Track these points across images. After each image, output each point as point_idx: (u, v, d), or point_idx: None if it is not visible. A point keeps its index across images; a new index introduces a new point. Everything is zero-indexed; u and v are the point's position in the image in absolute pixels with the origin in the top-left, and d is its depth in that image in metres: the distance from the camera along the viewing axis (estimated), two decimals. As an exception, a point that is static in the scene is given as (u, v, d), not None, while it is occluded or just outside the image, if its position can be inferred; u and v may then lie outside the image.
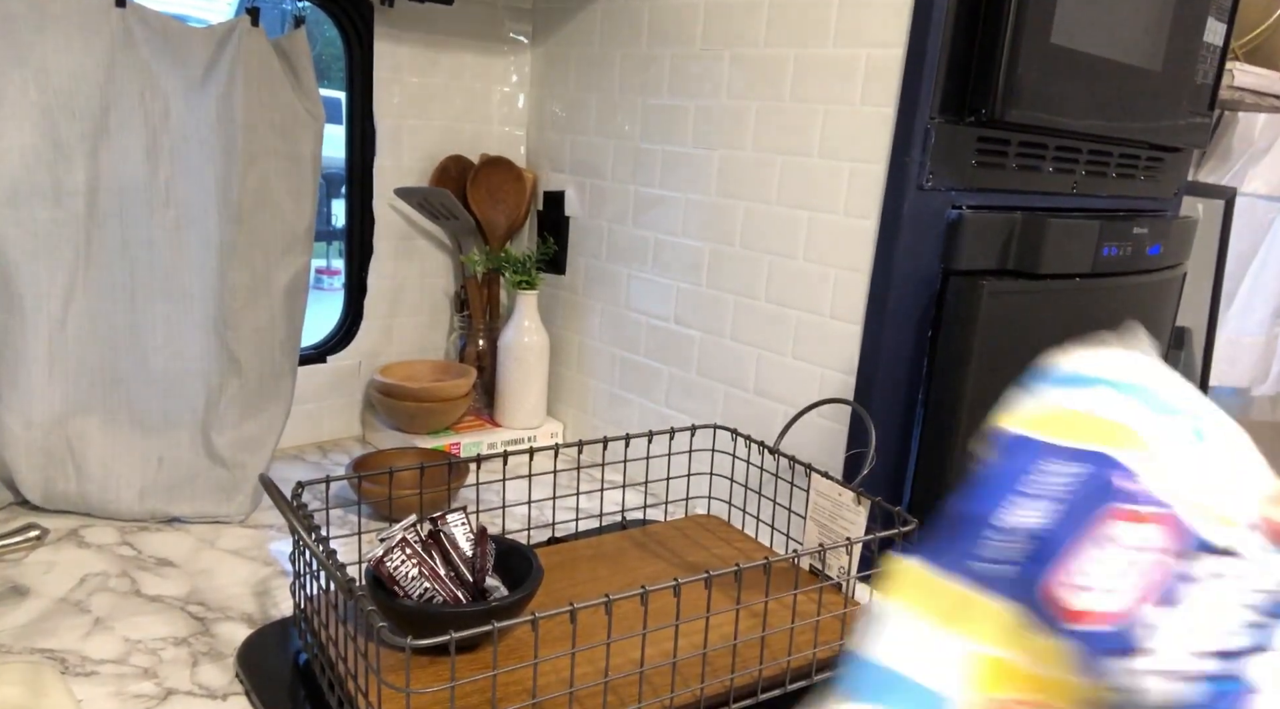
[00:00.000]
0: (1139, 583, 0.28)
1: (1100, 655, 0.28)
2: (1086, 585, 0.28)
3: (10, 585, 1.02)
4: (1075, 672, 0.28)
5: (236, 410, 1.25)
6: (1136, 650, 0.27)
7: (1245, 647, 0.27)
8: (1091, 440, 0.30)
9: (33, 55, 1.09)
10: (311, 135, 1.28)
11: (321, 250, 4.72)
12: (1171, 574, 0.28)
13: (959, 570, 0.31)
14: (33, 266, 1.13)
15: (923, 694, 0.30)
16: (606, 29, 1.47)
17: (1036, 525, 0.29)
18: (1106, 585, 0.28)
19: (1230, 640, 0.27)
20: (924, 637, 0.31)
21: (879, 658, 0.31)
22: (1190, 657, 0.27)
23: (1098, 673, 0.28)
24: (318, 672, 0.87)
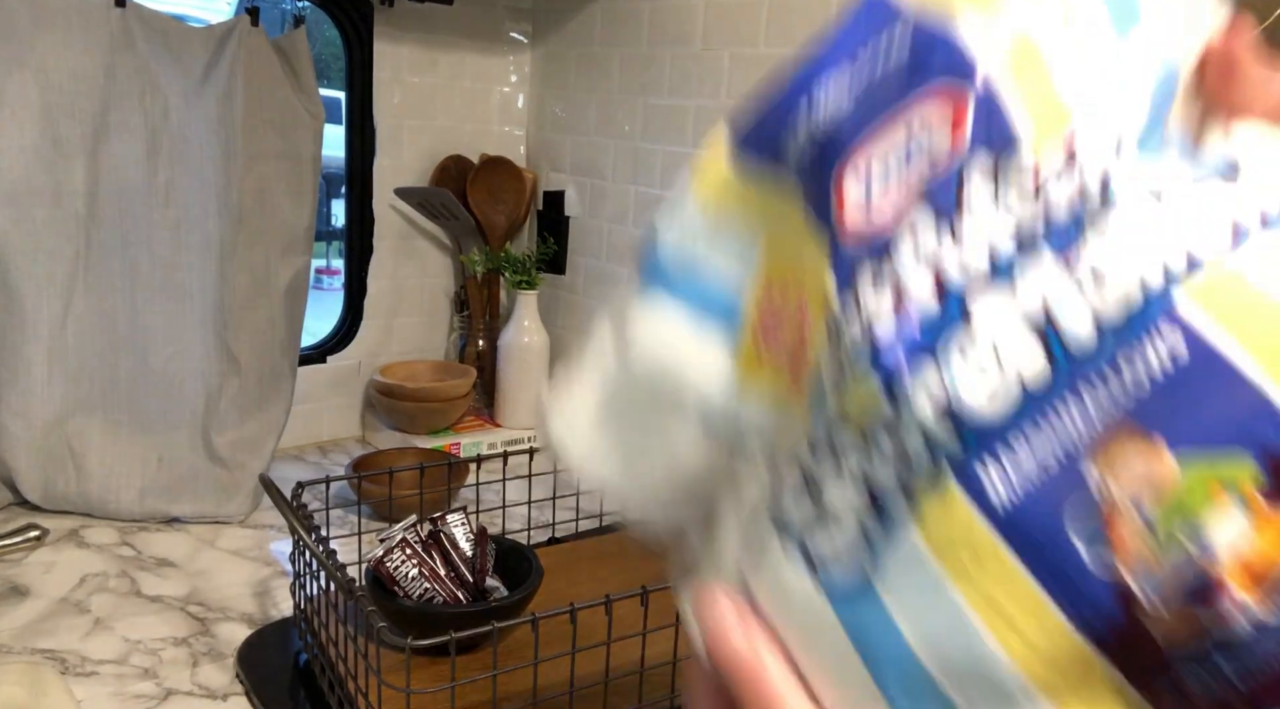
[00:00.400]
0: (914, 179, 0.23)
1: (847, 261, 0.23)
2: (864, 174, 0.23)
3: (10, 585, 1.02)
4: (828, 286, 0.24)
5: (236, 410, 1.25)
6: (879, 253, 0.23)
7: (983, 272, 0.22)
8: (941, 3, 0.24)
9: (33, 55, 1.09)
10: (311, 135, 1.28)
11: (321, 250, 4.71)
12: (953, 174, 0.22)
13: (762, 158, 0.26)
14: (33, 266, 1.13)
15: (708, 288, 0.27)
16: (606, 29, 1.47)
17: (840, 108, 0.24)
18: (880, 188, 0.23)
19: (973, 258, 0.22)
20: (716, 231, 0.27)
21: (670, 250, 0.28)
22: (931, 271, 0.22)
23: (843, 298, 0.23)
24: (318, 672, 0.87)
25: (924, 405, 0.21)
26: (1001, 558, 0.21)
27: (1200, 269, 0.20)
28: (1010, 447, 0.21)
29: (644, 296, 0.28)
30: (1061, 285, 0.21)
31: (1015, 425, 0.21)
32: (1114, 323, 0.21)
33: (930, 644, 0.22)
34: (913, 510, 0.22)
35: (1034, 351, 0.21)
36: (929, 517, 0.22)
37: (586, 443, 0.30)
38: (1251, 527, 0.19)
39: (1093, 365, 0.20)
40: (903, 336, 0.21)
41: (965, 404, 0.21)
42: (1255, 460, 0.19)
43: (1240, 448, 0.19)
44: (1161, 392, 0.20)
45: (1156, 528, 0.19)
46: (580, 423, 0.30)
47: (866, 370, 0.22)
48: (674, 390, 0.28)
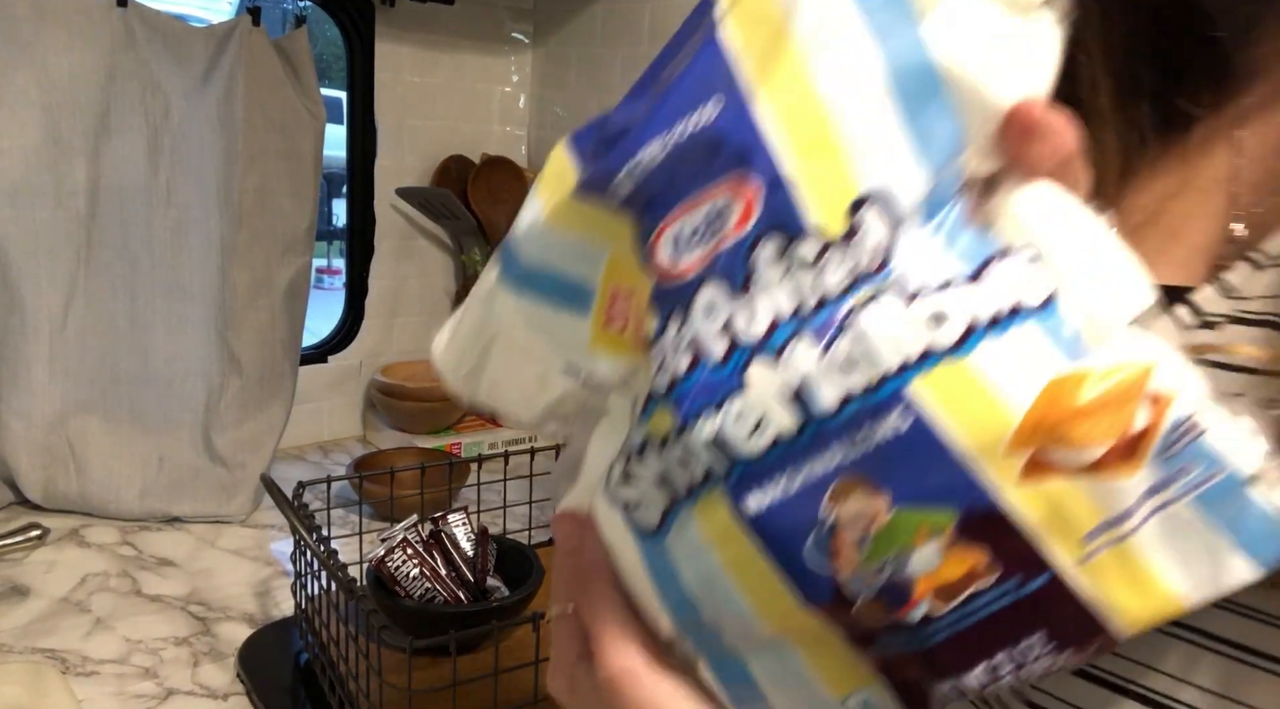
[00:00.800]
0: (709, 251, 0.27)
1: (660, 306, 0.28)
2: (674, 242, 0.28)
3: (11, 585, 1.02)
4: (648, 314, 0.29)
5: (237, 410, 1.25)
6: (685, 309, 0.28)
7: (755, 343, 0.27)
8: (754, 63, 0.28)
9: (34, 55, 1.09)
10: (312, 135, 1.28)
11: (322, 250, 4.71)
12: (741, 251, 0.27)
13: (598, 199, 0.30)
14: (33, 266, 1.13)
15: (566, 282, 0.32)
16: (607, 29, 1.47)
17: (656, 176, 0.28)
18: (685, 254, 0.28)
19: (754, 329, 0.27)
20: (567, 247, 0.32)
21: (525, 247, 0.32)
22: (717, 333, 0.27)
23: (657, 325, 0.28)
24: (319, 672, 0.87)
25: (705, 441, 0.27)
26: (749, 547, 0.27)
27: (933, 363, 0.25)
28: (765, 473, 0.27)
29: (514, 295, 0.33)
30: (817, 367, 0.26)
31: (771, 460, 0.27)
32: (857, 397, 0.26)
33: (700, 589, 0.29)
34: (691, 500, 0.28)
35: (788, 416, 0.26)
36: (702, 507, 0.28)
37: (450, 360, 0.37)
38: (941, 557, 0.26)
39: (836, 426, 0.26)
40: (694, 396, 0.27)
41: (735, 446, 0.27)
42: (954, 514, 0.26)
43: (944, 505, 0.26)
44: (889, 454, 0.26)
45: (867, 548, 0.26)
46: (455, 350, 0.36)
47: (667, 405, 0.28)
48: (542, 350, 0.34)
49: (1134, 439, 0.26)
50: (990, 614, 0.26)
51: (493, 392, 0.37)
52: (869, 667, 0.29)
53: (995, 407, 0.25)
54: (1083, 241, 0.28)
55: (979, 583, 0.26)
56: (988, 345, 0.26)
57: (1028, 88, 0.28)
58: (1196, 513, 0.26)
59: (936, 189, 0.27)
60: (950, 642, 0.27)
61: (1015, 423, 0.25)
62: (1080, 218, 0.28)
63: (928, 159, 0.27)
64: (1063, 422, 0.25)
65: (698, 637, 0.31)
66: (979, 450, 0.25)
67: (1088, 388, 0.26)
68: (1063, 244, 0.28)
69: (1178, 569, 0.26)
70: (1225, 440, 0.26)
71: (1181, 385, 0.26)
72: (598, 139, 0.31)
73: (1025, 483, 0.26)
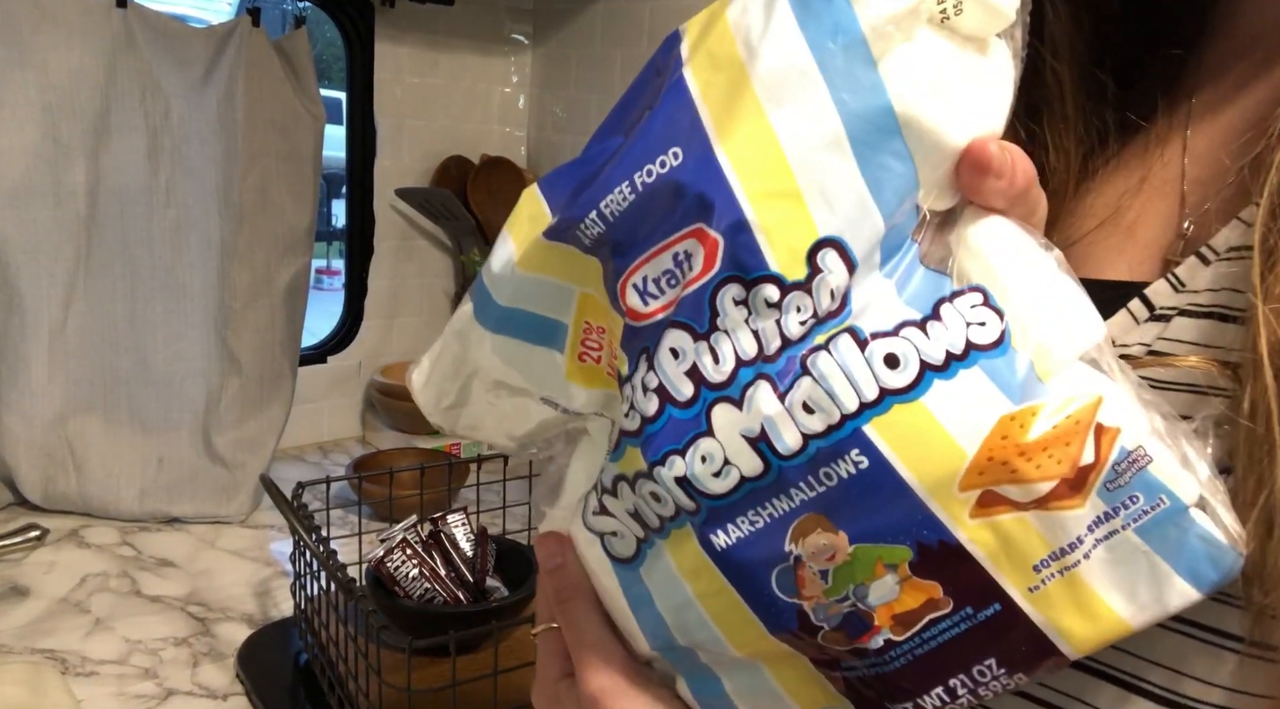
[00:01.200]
0: (674, 296, 0.28)
1: (630, 347, 0.29)
2: (641, 286, 0.29)
3: (10, 585, 1.02)
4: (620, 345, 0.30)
5: (237, 410, 1.25)
6: (652, 351, 0.28)
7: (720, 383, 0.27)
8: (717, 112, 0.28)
9: (33, 55, 1.09)
10: (312, 135, 1.28)
11: (321, 250, 4.71)
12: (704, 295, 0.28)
13: (567, 244, 0.31)
14: (33, 266, 1.13)
15: (540, 320, 0.33)
16: (607, 29, 1.47)
17: (620, 222, 0.29)
18: (651, 301, 0.29)
19: (718, 372, 0.27)
20: (540, 289, 0.32)
21: (498, 286, 0.33)
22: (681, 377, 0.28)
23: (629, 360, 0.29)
24: (318, 672, 0.87)
25: (673, 481, 0.28)
26: (719, 580, 0.28)
27: (888, 405, 0.26)
28: (731, 512, 0.28)
29: (489, 333, 0.34)
30: (778, 410, 0.27)
31: (736, 499, 0.27)
32: (817, 439, 0.27)
33: (674, 615, 0.30)
34: (662, 534, 0.29)
35: (752, 458, 0.27)
36: (674, 541, 0.29)
37: (431, 395, 0.37)
38: (900, 589, 0.27)
39: (797, 467, 0.27)
40: (661, 438, 0.28)
41: (702, 486, 0.28)
42: (911, 548, 0.27)
43: (902, 541, 0.27)
44: (848, 492, 0.27)
45: (829, 581, 0.27)
46: (434, 386, 0.37)
47: (637, 445, 0.29)
48: (519, 384, 0.35)
49: (1082, 472, 0.27)
50: (946, 640, 0.28)
51: (473, 424, 0.38)
52: (835, 687, 0.30)
53: (948, 445, 0.26)
54: (1035, 277, 0.29)
55: (936, 612, 0.27)
56: (940, 386, 0.27)
57: (985, 122, 0.28)
58: (1141, 540, 0.27)
59: (892, 230, 0.28)
60: (909, 667, 0.28)
61: (967, 461, 0.26)
62: (1033, 253, 0.29)
63: (883, 201, 0.27)
64: (1012, 458, 0.26)
65: (674, 657, 0.32)
66: (933, 488, 0.26)
67: (1037, 424, 0.27)
68: (1016, 280, 0.28)
69: (1123, 594, 0.27)
70: (1169, 469, 0.27)
71: (1127, 418, 0.27)
72: (570, 180, 0.32)
73: (977, 517, 0.27)
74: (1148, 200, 0.39)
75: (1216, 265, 0.33)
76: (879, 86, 0.27)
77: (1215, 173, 0.36)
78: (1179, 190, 0.38)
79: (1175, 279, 0.34)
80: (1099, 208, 0.40)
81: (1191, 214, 0.37)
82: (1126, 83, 0.41)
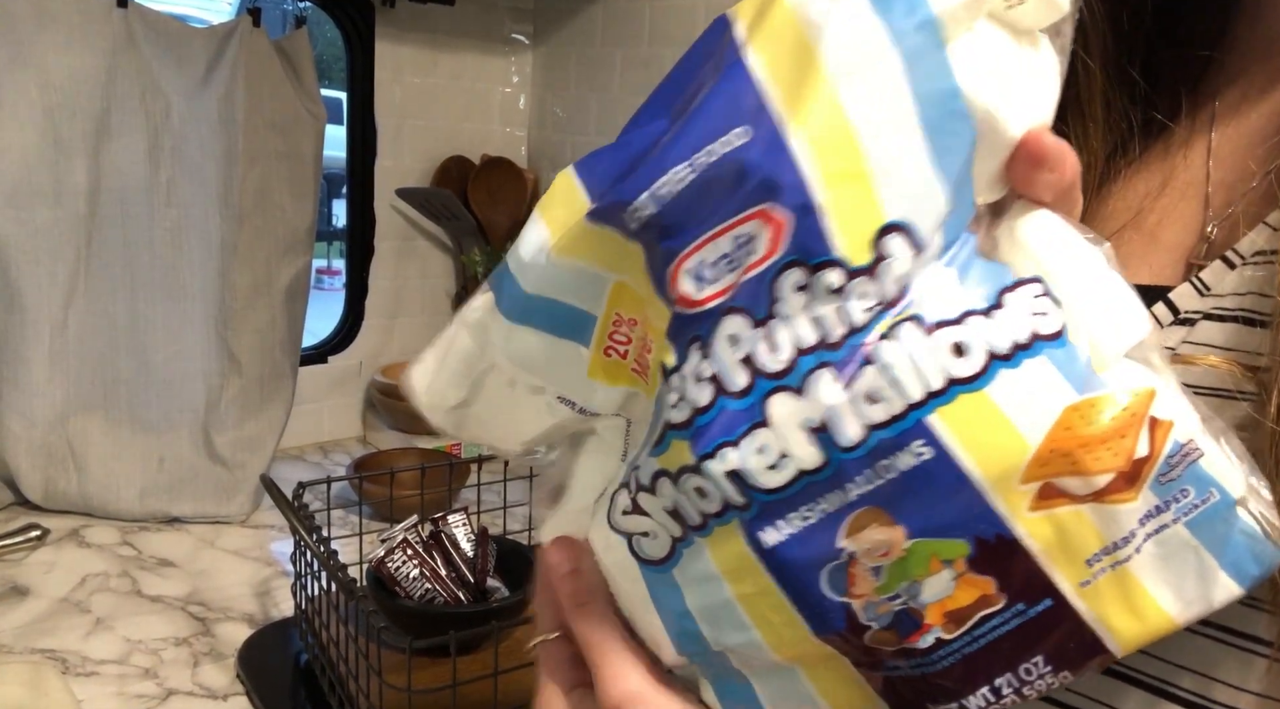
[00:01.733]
0: (733, 280, 0.27)
1: (679, 336, 0.28)
2: (695, 271, 0.27)
3: (11, 585, 1.02)
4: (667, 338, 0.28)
5: (237, 410, 1.25)
6: (705, 339, 0.27)
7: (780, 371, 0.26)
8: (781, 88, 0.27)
9: (34, 55, 1.09)
10: (312, 135, 1.28)
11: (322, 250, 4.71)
12: (765, 280, 0.26)
13: (610, 227, 0.29)
14: (34, 266, 1.13)
15: (567, 311, 0.31)
16: (607, 29, 1.47)
17: (675, 205, 0.27)
18: (707, 286, 0.27)
19: (776, 361, 0.26)
20: (571, 277, 0.31)
21: (527, 274, 0.31)
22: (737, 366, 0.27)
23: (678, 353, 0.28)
24: (318, 672, 0.87)
25: (723, 476, 0.27)
26: (764, 579, 0.27)
27: (954, 394, 0.26)
28: (785, 507, 0.26)
29: (511, 325, 0.33)
30: (841, 400, 0.26)
31: (790, 494, 0.26)
32: (880, 427, 0.26)
33: (708, 620, 0.29)
34: (704, 532, 0.28)
35: (812, 450, 0.26)
36: (716, 539, 0.28)
37: (435, 395, 0.36)
38: (954, 585, 0.26)
39: (858, 459, 0.26)
40: (714, 430, 0.27)
41: (755, 481, 0.26)
42: (969, 544, 0.26)
43: (960, 535, 0.26)
44: (909, 485, 0.26)
45: (882, 578, 0.27)
46: (440, 386, 0.35)
47: (685, 438, 0.27)
48: (537, 382, 0.34)
49: (1137, 465, 0.26)
50: (996, 638, 0.27)
51: (480, 426, 0.36)
52: (874, 688, 0.29)
53: (1012, 436, 0.26)
54: (1085, 270, 0.28)
55: (988, 608, 0.27)
56: (1005, 375, 0.26)
57: (1036, 116, 0.28)
58: (1190, 534, 0.27)
59: (951, 219, 0.27)
60: (956, 666, 0.27)
61: (1031, 452, 0.26)
62: (1082, 247, 0.29)
63: (948, 187, 0.27)
64: (1075, 449, 0.26)
65: (703, 662, 0.31)
66: (995, 480, 0.26)
67: (1099, 416, 0.26)
68: (1068, 273, 0.28)
69: (1171, 590, 0.27)
70: (1219, 463, 0.27)
71: (1179, 411, 0.27)
72: (612, 164, 0.30)
73: (1036, 511, 0.26)
74: (1171, 203, 0.38)
75: (1242, 270, 0.33)
76: (948, 70, 0.26)
77: (1240, 176, 0.36)
78: (1203, 193, 0.37)
79: (1200, 283, 0.34)
80: (1120, 210, 0.40)
81: (1215, 217, 0.36)
82: (1151, 83, 0.40)
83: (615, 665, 0.31)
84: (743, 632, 0.29)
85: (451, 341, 0.35)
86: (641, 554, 0.30)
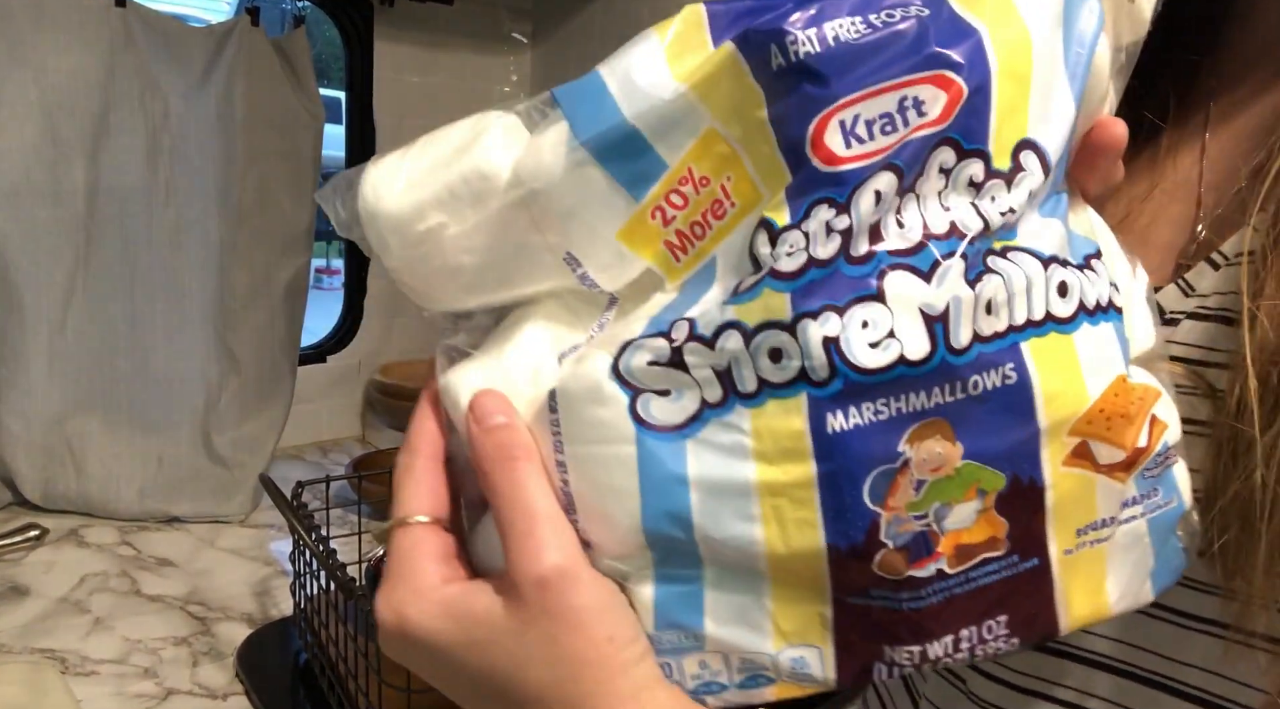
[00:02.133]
0: (894, 141, 0.25)
1: (807, 192, 0.26)
2: (848, 126, 0.25)
3: (10, 585, 1.02)
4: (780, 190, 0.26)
5: (236, 410, 1.25)
6: (845, 197, 0.25)
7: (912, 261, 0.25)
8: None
9: (33, 55, 1.09)
10: (311, 135, 1.28)
11: (321, 250, 4.71)
12: (925, 147, 0.25)
13: (764, 31, 0.26)
14: (33, 266, 1.13)
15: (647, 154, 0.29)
16: (606, 29, 1.47)
17: (836, 50, 0.25)
18: (858, 142, 0.25)
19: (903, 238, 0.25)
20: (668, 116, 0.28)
21: (623, 99, 0.29)
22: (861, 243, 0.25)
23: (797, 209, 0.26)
24: (318, 672, 0.87)
25: (819, 342, 0.25)
26: (806, 468, 0.25)
27: (1048, 330, 0.26)
28: (866, 393, 0.25)
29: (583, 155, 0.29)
30: (967, 297, 0.25)
31: (879, 380, 0.25)
32: (984, 341, 0.25)
33: (710, 500, 0.26)
34: (754, 402, 0.26)
35: (923, 338, 0.25)
36: (768, 412, 0.25)
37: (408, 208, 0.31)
38: (975, 520, 0.26)
39: (956, 364, 0.25)
40: (823, 294, 0.25)
41: (852, 353, 0.24)
42: (1007, 478, 0.26)
43: (1004, 468, 0.26)
44: (985, 404, 0.25)
45: (921, 494, 0.25)
46: (409, 190, 0.31)
47: (784, 296, 0.25)
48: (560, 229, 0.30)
49: (1136, 453, 0.27)
50: (983, 585, 0.27)
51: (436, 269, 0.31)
52: (835, 622, 0.27)
53: (1079, 385, 0.26)
54: (1125, 268, 0.30)
55: (991, 551, 0.27)
56: (1086, 329, 0.27)
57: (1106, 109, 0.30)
58: (1147, 532, 0.28)
59: (1060, 163, 0.27)
60: (938, 606, 0.27)
61: (1086, 406, 0.26)
62: (1120, 247, 0.30)
63: (1070, 126, 0.27)
64: (1114, 417, 0.27)
65: (662, 551, 0.28)
66: (1054, 423, 0.26)
67: (1134, 396, 0.27)
68: (1120, 267, 0.30)
69: (1118, 580, 0.28)
70: (1183, 474, 0.29)
71: (1172, 418, 0.29)
72: (741, 15, 0.28)
73: (1067, 466, 0.27)
74: (1162, 204, 0.39)
75: (1225, 270, 0.34)
76: (1096, 26, 0.27)
77: (1231, 178, 0.36)
78: (1194, 195, 0.38)
79: (1185, 284, 0.35)
80: (1111, 210, 0.40)
81: (1206, 218, 0.37)
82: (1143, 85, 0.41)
83: (545, 533, 0.27)
84: (744, 524, 0.26)
85: (462, 151, 0.31)
86: (646, 415, 0.27)
